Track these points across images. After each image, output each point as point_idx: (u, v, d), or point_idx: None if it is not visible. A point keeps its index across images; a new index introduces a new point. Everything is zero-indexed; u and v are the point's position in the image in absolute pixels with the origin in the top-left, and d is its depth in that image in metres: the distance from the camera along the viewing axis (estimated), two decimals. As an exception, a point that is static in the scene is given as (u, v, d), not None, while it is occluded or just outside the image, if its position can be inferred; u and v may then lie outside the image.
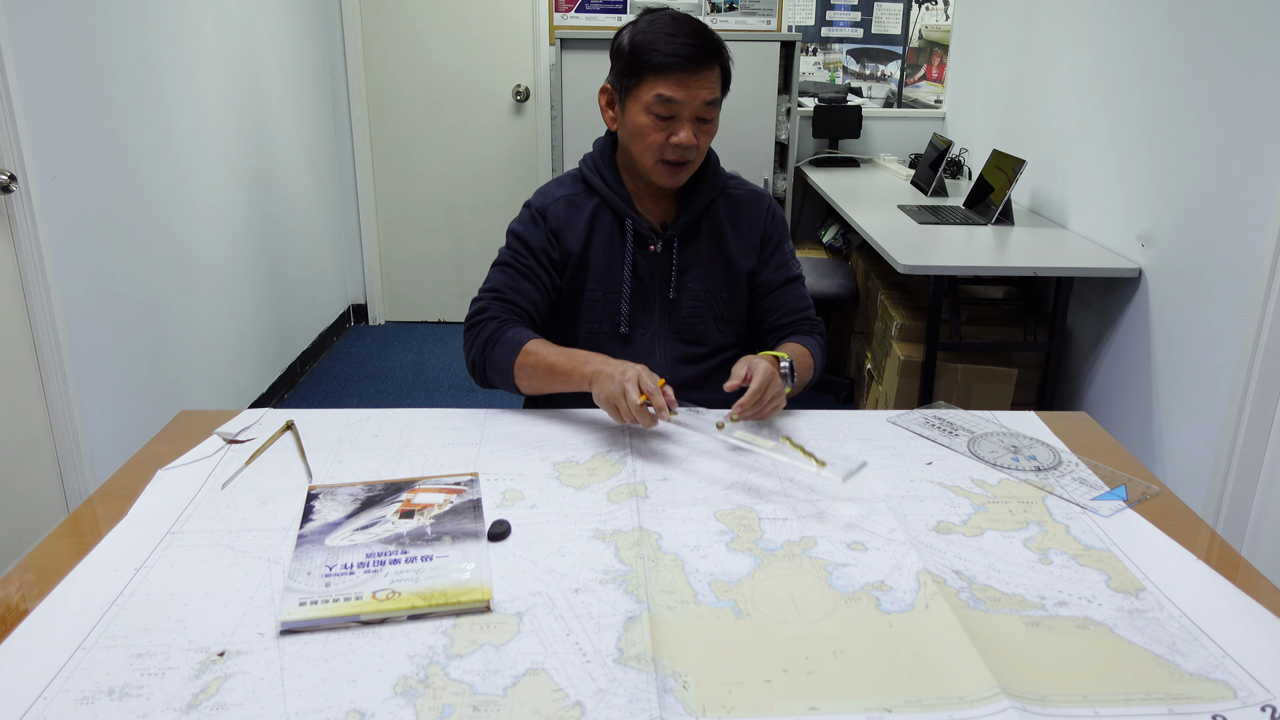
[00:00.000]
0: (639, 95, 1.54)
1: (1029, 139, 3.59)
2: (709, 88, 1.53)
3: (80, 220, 2.46)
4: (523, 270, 1.63)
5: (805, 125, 4.69)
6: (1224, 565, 1.14)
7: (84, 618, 1.00)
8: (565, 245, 1.65)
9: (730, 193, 1.71)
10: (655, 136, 1.55)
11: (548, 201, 1.67)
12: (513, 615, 1.02)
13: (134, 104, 2.73)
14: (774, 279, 1.72)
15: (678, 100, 1.52)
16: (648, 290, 1.67)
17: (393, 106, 4.67)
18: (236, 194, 3.48)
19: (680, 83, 1.51)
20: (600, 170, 1.67)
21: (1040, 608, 1.05)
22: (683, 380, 1.67)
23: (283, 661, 0.94)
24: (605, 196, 1.65)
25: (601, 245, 1.66)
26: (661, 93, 1.52)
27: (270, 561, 1.12)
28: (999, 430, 1.52)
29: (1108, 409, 2.90)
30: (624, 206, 1.65)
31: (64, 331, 2.37)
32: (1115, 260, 2.81)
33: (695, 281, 1.68)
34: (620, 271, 1.66)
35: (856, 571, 1.12)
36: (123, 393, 2.67)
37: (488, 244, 4.82)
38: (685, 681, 0.92)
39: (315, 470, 1.35)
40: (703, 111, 1.54)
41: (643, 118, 1.55)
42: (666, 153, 1.56)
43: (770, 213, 1.73)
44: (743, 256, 1.70)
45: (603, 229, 1.66)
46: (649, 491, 1.30)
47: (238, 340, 3.49)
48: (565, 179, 1.71)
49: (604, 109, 1.64)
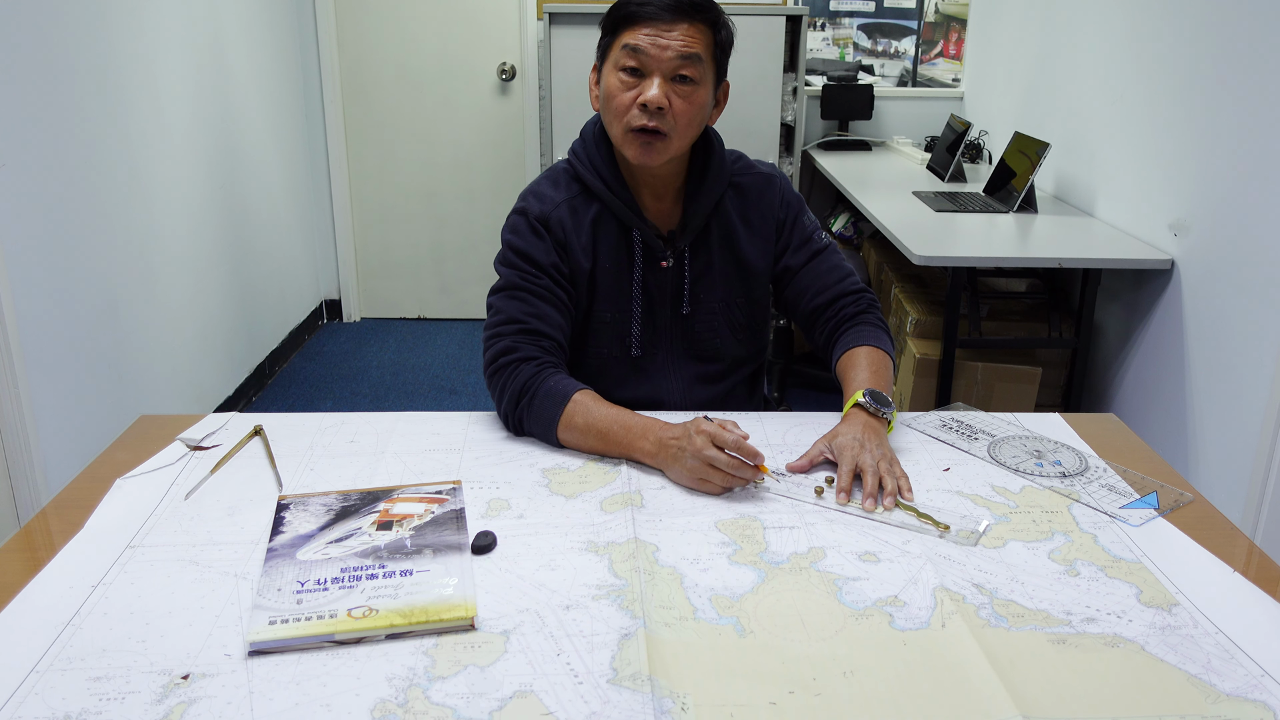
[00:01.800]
0: (613, 56, 1.50)
1: (1053, 120, 3.60)
2: (686, 43, 1.46)
3: (30, 212, 2.45)
4: (538, 291, 1.54)
5: (813, 106, 4.69)
6: (1263, 578, 1.15)
7: (37, 639, 1.00)
8: (574, 260, 1.57)
9: (737, 182, 1.65)
10: (623, 97, 1.48)
11: (548, 209, 1.57)
12: (499, 634, 1.02)
13: (88, 86, 2.73)
14: (797, 261, 1.66)
15: (645, 50, 1.45)
16: (658, 307, 1.62)
17: (368, 86, 4.67)
18: (199, 181, 3.48)
19: (651, 34, 1.45)
20: (597, 168, 1.58)
21: (1066, 624, 1.06)
22: (700, 404, 1.64)
23: (251, 684, 0.94)
24: (608, 202, 1.57)
25: (608, 259, 1.59)
26: (630, 43, 1.46)
27: (238, 577, 1.12)
28: (1021, 434, 1.52)
29: (1138, 410, 2.91)
30: (630, 215, 1.57)
31: (13, 330, 2.36)
32: (1146, 251, 2.82)
33: (709, 292, 1.63)
34: (629, 288, 1.60)
35: (868, 586, 1.12)
36: (78, 396, 2.66)
37: (471, 235, 4.83)
38: (684, 703, 0.92)
39: (286, 479, 1.35)
40: (678, 67, 1.46)
41: (612, 78, 1.49)
42: (634, 118, 1.48)
43: (781, 197, 1.66)
44: (760, 255, 1.65)
45: (608, 239, 1.59)
46: (645, 500, 1.30)
47: (202, 339, 3.49)
48: (559, 178, 1.62)
49: (592, 88, 1.58)
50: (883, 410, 1.42)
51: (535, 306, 1.53)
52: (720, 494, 1.31)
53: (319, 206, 4.76)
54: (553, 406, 1.43)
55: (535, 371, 1.47)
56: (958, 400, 3.01)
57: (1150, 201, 2.89)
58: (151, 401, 3.07)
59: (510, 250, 1.57)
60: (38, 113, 2.48)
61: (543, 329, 1.52)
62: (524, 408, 1.46)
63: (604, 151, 1.58)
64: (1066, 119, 3.49)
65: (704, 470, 1.30)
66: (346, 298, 4.93)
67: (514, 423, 1.48)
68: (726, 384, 1.69)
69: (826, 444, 1.38)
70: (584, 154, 1.60)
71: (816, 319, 1.66)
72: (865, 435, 1.37)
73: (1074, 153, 3.44)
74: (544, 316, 1.53)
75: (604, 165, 1.58)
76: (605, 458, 1.42)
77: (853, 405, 1.44)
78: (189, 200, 3.39)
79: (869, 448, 1.35)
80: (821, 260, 1.66)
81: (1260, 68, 2.35)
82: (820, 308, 1.65)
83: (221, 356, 3.68)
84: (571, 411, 1.42)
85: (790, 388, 3.94)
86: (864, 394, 1.43)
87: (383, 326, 4.90)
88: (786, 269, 1.66)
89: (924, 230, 3.07)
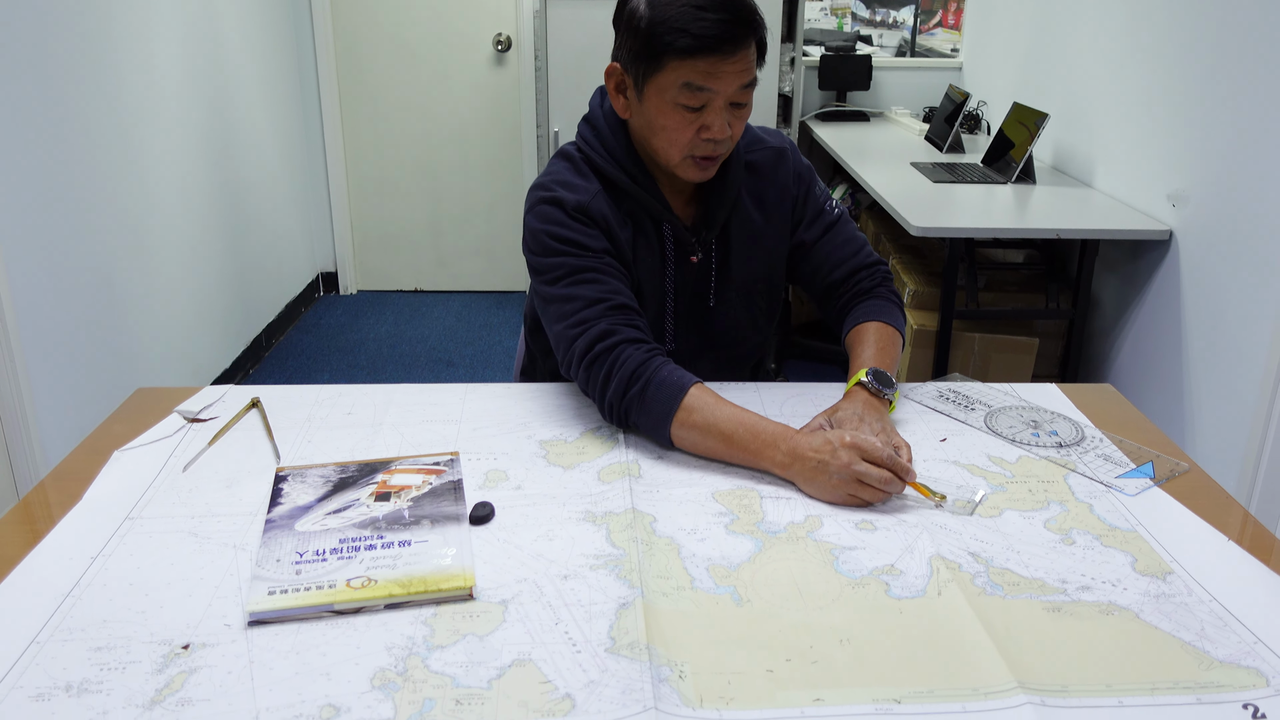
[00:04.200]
0: (661, 84, 1.38)
1: (1052, 91, 3.58)
2: (745, 69, 1.37)
3: (24, 186, 2.44)
4: (605, 270, 1.43)
5: (811, 76, 4.67)
6: (1257, 547, 1.15)
7: (38, 610, 1.01)
8: (622, 251, 1.48)
9: (749, 160, 1.58)
10: (683, 132, 1.40)
11: (585, 200, 1.47)
12: (497, 603, 1.03)
13: (80, 59, 2.70)
14: (811, 236, 1.62)
15: (710, 88, 1.36)
16: (687, 300, 1.58)
17: (363, 58, 4.64)
18: (194, 155, 3.46)
19: (712, 68, 1.35)
20: (620, 162, 1.49)
21: (1062, 592, 1.06)
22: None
23: (251, 654, 0.94)
24: (638, 198, 1.50)
25: (644, 254, 1.52)
26: (690, 80, 1.36)
27: (236, 548, 1.12)
28: (1018, 404, 1.52)
29: (1134, 381, 2.92)
30: (660, 210, 1.50)
31: (9, 304, 2.36)
32: (1144, 222, 2.82)
33: (732, 283, 1.59)
34: (662, 283, 1.55)
35: (864, 555, 1.13)
36: (74, 369, 2.66)
37: (466, 207, 4.81)
38: (681, 671, 0.93)
39: (283, 450, 1.35)
40: (738, 96, 1.39)
41: (667, 109, 1.39)
42: (697, 148, 1.41)
43: (794, 172, 1.61)
44: (777, 237, 1.60)
45: (643, 234, 1.52)
46: (642, 471, 1.31)
47: (198, 312, 3.49)
48: (580, 166, 1.52)
49: (613, 94, 1.47)
50: (885, 391, 1.41)
51: (610, 284, 1.42)
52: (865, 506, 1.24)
53: (314, 179, 4.74)
54: (668, 400, 1.33)
55: (646, 357, 1.37)
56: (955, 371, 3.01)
57: (1149, 172, 2.88)
58: (148, 374, 3.07)
59: (551, 239, 1.45)
60: (30, 88, 2.47)
61: (631, 304, 1.43)
62: (633, 398, 1.35)
63: (624, 143, 1.50)
64: (1065, 89, 3.47)
65: (853, 486, 1.22)
66: (343, 270, 4.92)
67: (619, 413, 1.38)
68: (740, 371, 1.68)
69: (826, 419, 1.37)
70: (599, 145, 1.51)
71: (832, 294, 1.64)
72: (865, 412, 1.36)
73: (1073, 123, 3.42)
74: (624, 293, 1.43)
75: (627, 159, 1.50)
76: (601, 427, 1.42)
77: (855, 384, 1.43)
78: (183, 173, 3.37)
79: (869, 422, 1.34)
80: (836, 233, 1.63)
81: (1260, 39, 2.33)
82: (836, 283, 1.62)
83: (218, 329, 3.68)
84: (690, 406, 1.32)
85: (787, 359, 3.95)
86: (867, 373, 1.42)
87: (379, 299, 4.89)
88: (801, 243, 1.63)
89: (922, 201, 3.07)
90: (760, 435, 1.29)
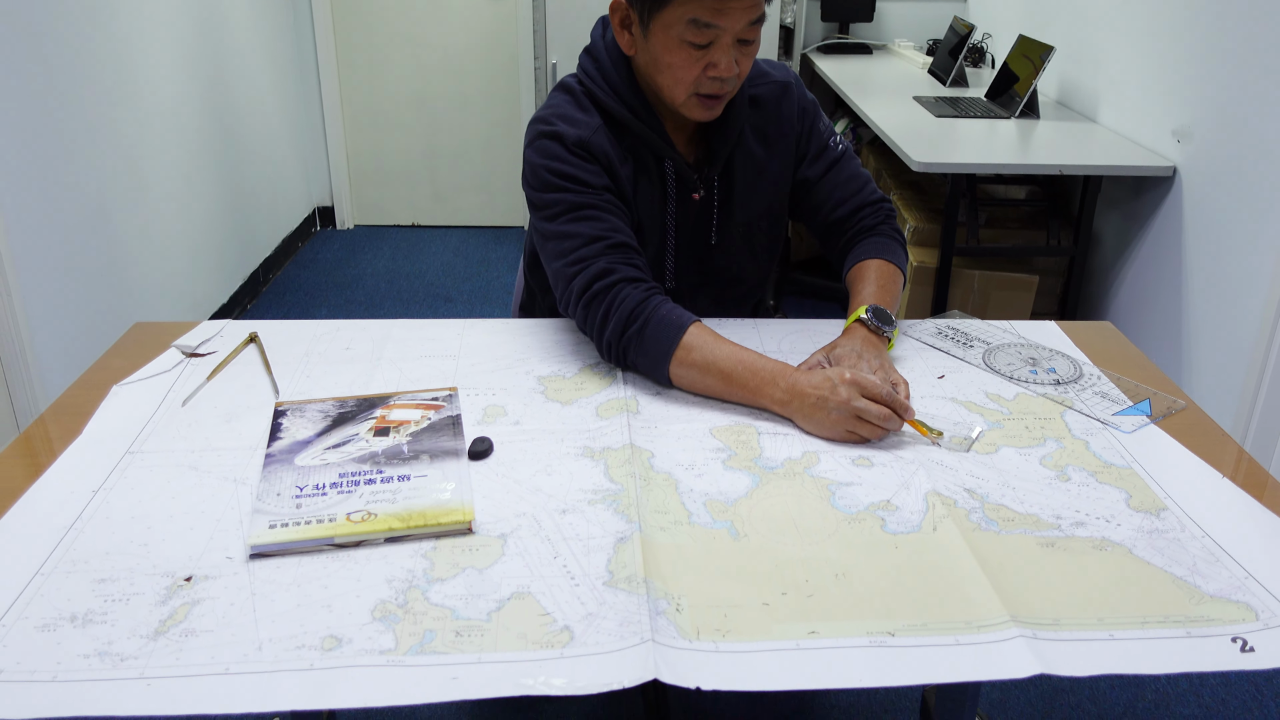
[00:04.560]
0: (667, 20, 1.34)
1: (1058, 24, 3.52)
2: (754, 4, 1.33)
3: (15, 118, 2.41)
4: (604, 207, 1.42)
5: (813, 8, 4.59)
6: (1251, 483, 1.16)
7: (41, 542, 1.02)
8: (622, 189, 1.46)
9: (753, 94, 1.55)
10: (690, 69, 1.37)
11: (586, 135, 1.44)
12: (496, 537, 1.04)
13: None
14: (815, 172, 1.60)
15: (717, 25, 1.33)
16: (685, 238, 1.56)
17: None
18: (187, 86, 3.41)
19: (720, 4, 1.31)
20: (624, 97, 1.46)
21: (1056, 528, 1.07)
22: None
23: (253, 586, 0.96)
24: (640, 134, 1.47)
25: (645, 190, 1.50)
26: (697, 17, 1.32)
27: (237, 482, 1.13)
28: (1017, 341, 1.52)
29: (1134, 318, 2.92)
30: (663, 146, 1.48)
31: (4, 240, 2.34)
32: (1148, 158, 2.79)
33: (734, 220, 1.57)
34: (662, 220, 1.53)
35: (861, 491, 1.13)
36: (72, 304, 2.66)
37: (464, 141, 4.76)
38: (678, 604, 0.94)
39: (282, 385, 1.36)
40: (746, 33, 1.36)
41: (673, 46, 1.36)
42: (703, 85, 1.38)
43: (798, 106, 1.58)
44: (780, 172, 1.59)
45: (644, 170, 1.49)
46: (640, 407, 1.31)
47: (194, 247, 3.47)
48: (579, 100, 1.49)
49: (618, 30, 1.43)
50: (884, 328, 1.41)
51: (609, 221, 1.41)
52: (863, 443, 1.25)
53: (310, 111, 4.68)
54: (667, 339, 1.33)
55: (645, 296, 1.36)
56: (954, 308, 3.01)
57: (1154, 107, 2.85)
58: (146, 309, 3.06)
59: (551, 174, 1.43)
60: (21, 20, 2.42)
61: (629, 242, 1.41)
62: (632, 337, 1.35)
63: (626, 77, 1.47)
64: (1071, 22, 3.42)
65: (852, 423, 1.23)
66: (339, 204, 4.88)
67: (617, 352, 1.38)
68: (740, 307, 1.68)
69: (825, 355, 1.37)
70: (601, 79, 1.48)
71: (835, 230, 1.63)
72: (864, 349, 1.36)
73: (1078, 57, 3.38)
74: (624, 230, 1.42)
75: (629, 93, 1.47)
76: (599, 363, 1.42)
77: (854, 320, 1.43)
78: (177, 106, 3.33)
79: (867, 359, 1.34)
80: (840, 170, 1.61)
81: (1272, -32, 2.29)
82: (840, 220, 1.61)
83: (215, 264, 3.66)
84: (689, 345, 1.32)
85: (786, 295, 3.94)
86: (866, 310, 1.42)
87: (376, 234, 4.86)
88: (805, 180, 1.61)
89: (924, 136, 3.03)
90: (759, 373, 1.29)
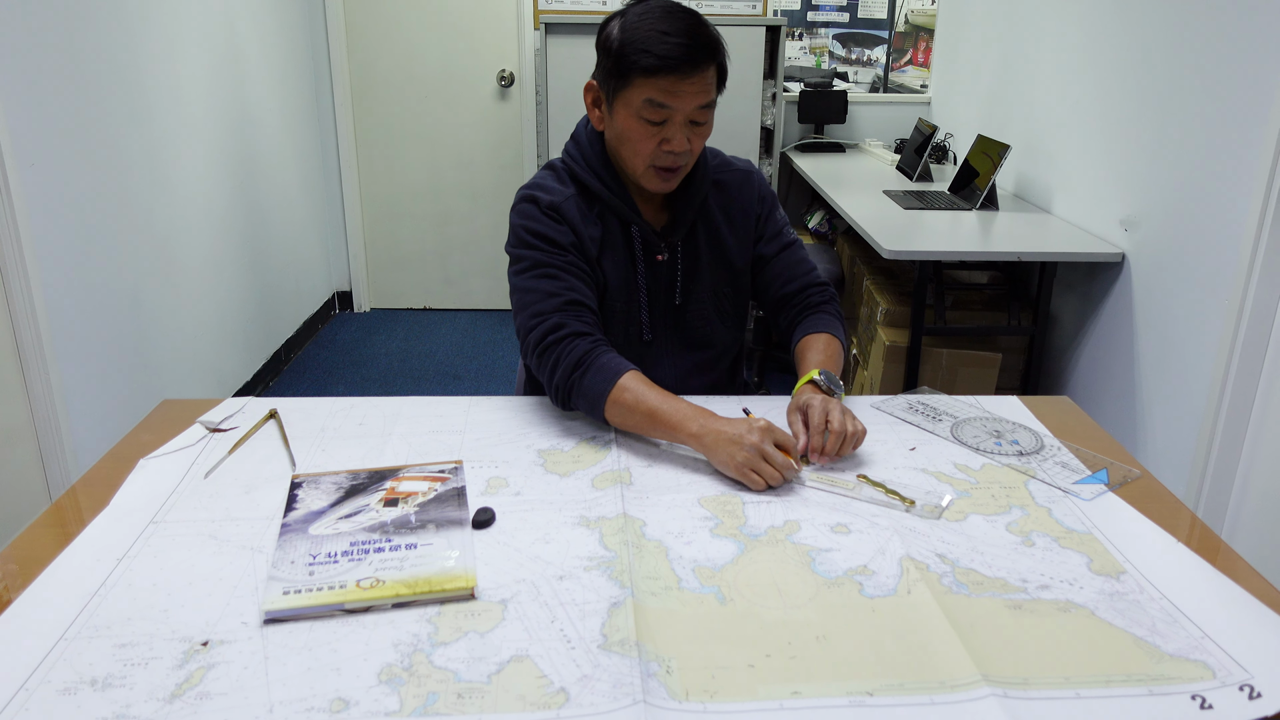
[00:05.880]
0: (627, 98, 1.44)
1: (1013, 124, 3.59)
2: (704, 90, 1.43)
3: (59, 208, 2.44)
4: (565, 267, 1.49)
5: (791, 110, 4.68)
6: (1204, 548, 1.15)
7: (66, 608, 1.00)
8: (586, 250, 1.53)
9: (718, 179, 1.64)
10: (646, 143, 1.46)
11: (558, 200, 1.53)
12: (497, 602, 1.02)
13: (113, 90, 2.70)
14: (770, 250, 1.67)
15: (669, 105, 1.42)
16: (658, 298, 1.61)
17: (376, 92, 4.64)
18: (219, 181, 3.45)
19: (672, 86, 1.40)
20: (596, 171, 1.55)
21: (1022, 591, 1.06)
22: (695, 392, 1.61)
23: (267, 650, 0.94)
24: (609, 202, 1.55)
25: (613, 252, 1.56)
26: (652, 97, 1.41)
27: (254, 550, 1.11)
28: (982, 415, 1.52)
29: (1090, 393, 2.92)
30: (629, 213, 1.55)
31: (44, 320, 2.35)
32: (1099, 245, 2.82)
33: (699, 283, 1.62)
34: (634, 279, 1.58)
35: (839, 556, 1.12)
36: (105, 382, 2.65)
37: (473, 231, 4.81)
38: (669, 666, 0.92)
39: (299, 459, 1.35)
40: (697, 115, 1.45)
41: (632, 123, 1.45)
42: (658, 159, 1.47)
43: (758, 191, 1.66)
44: (741, 246, 1.65)
45: (611, 235, 1.56)
46: (633, 478, 1.30)
47: (221, 328, 3.47)
48: (559, 175, 1.58)
49: (590, 107, 1.54)
50: (835, 390, 1.45)
51: (567, 280, 1.48)
52: (762, 489, 1.27)
53: (331, 204, 4.73)
54: (604, 382, 1.39)
55: (590, 347, 1.43)
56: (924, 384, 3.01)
57: (1103, 199, 2.89)
58: (174, 386, 3.05)
59: (527, 233, 1.51)
60: (65, 116, 2.46)
61: (583, 300, 1.48)
62: (575, 380, 1.41)
63: (600, 154, 1.56)
64: (1026, 122, 3.49)
65: (755, 462, 1.27)
66: (357, 289, 4.90)
67: (563, 395, 1.44)
68: (716, 372, 1.70)
69: (796, 414, 1.41)
70: (580, 156, 1.57)
71: (784, 305, 1.69)
72: (826, 398, 1.40)
73: (1033, 154, 3.43)
74: (581, 291, 1.49)
75: (601, 168, 1.55)
76: (595, 437, 1.41)
77: (807, 381, 1.47)
78: (209, 198, 3.37)
79: (833, 406, 1.37)
80: (791, 253, 1.69)
81: (1203, 77, 2.34)
82: (789, 295, 1.68)
83: (240, 344, 3.66)
84: (624, 387, 1.38)
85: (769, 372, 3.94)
86: (819, 372, 1.47)
87: (391, 316, 4.88)
88: (760, 256, 1.68)
89: (893, 226, 3.07)
90: (681, 411, 1.35)
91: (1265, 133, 2.10)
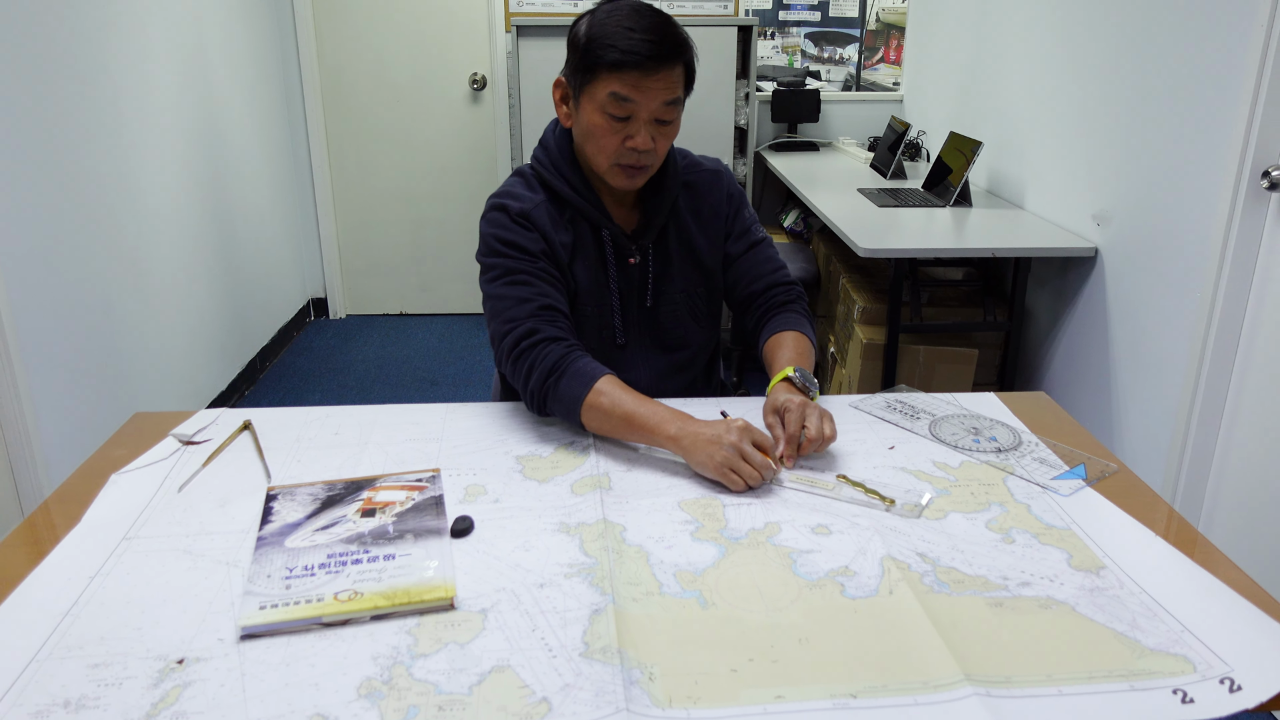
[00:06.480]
0: (593, 93, 1.44)
1: (985, 121, 3.61)
2: (669, 87, 1.43)
3: (25, 217, 2.40)
4: (536, 273, 1.49)
5: (764, 110, 4.69)
6: (1182, 541, 1.16)
7: (38, 627, 0.98)
8: (557, 256, 1.53)
9: (688, 180, 1.64)
10: (610, 139, 1.45)
11: (527, 206, 1.52)
12: (477, 612, 1.01)
13: (79, 97, 2.67)
14: (737, 249, 1.67)
15: (634, 100, 1.42)
16: (630, 300, 1.61)
17: (347, 97, 4.61)
18: (189, 188, 3.42)
19: (637, 82, 1.41)
20: (565, 175, 1.55)
21: (1003, 588, 1.06)
22: (671, 393, 1.62)
23: (244, 667, 0.92)
24: (579, 207, 1.55)
25: (584, 257, 1.57)
26: (616, 91, 1.42)
27: (229, 565, 1.10)
28: (960, 412, 1.53)
29: (1066, 388, 2.94)
30: (599, 216, 1.55)
31: (11, 333, 2.31)
32: (1072, 240, 2.84)
33: (671, 285, 1.62)
34: (606, 282, 1.58)
35: (821, 558, 1.12)
36: (76, 395, 2.61)
37: (448, 235, 4.79)
38: (651, 673, 0.91)
39: (274, 470, 1.33)
40: (662, 113, 1.45)
41: (597, 117, 1.45)
42: (623, 156, 1.47)
43: (726, 191, 1.66)
44: (712, 246, 1.65)
45: (582, 239, 1.56)
46: (613, 483, 1.30)
47: (194, 338, 3.44)
48: (529, 181, 1.58)
49: (558, 104, 1.54)
50: (809, 388, 1.45)
51: (539, 287, 1.48)
52: (741, 490, 1.27)
53: (304, 210, 4.70)
54: (579, 387, 1.39)
55: (565, 352, 1.43)
56: (902, 382, 3.02)
57: (1075, 194, 2.91)
58: (147, 398, 3.02)
59: (497, 241, 1.51)
60: (30, 124, 2.43)
61: (556, 305, 1.48)
62: (550, 386, 1.41)
63: (569, 158, 1.56)
64: (998, 119, 3.51)
65: (735, 461, 1.27)
66: (332, 295, 4.87)
67: (538, 401, 1.43)
68: (692, 373, 1.70)
69: (773, 416, 1.40)
70: (549, 161, 1.57)
71: (751, 303, 1.68)
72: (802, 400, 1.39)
73: (1005, 150, 3.45)
74: (552, 297, 1.49)
75: (571, 172, 1.55)
76: (573, 443, 1.41)
77: (782, 379, 1.46)
78: (179, 206, 3.33)
79: (809, 404, 1.38)
80: (759, 251, 1.68)
81: (1172, 73, 2.37)
82: (755, 294, 1.67)
83: (214, 353, 3.63)
84: (600, 391, 1.38)
85: (748, 372, 3.95)
86: (794, 370, 1.46)
87: (367, 322, 4.84)
88: (727, 255, 1.68)
89: (868, 224, 3.08)
90: (658, 414, 1.35)
91: (1233, 126, 2.12)
